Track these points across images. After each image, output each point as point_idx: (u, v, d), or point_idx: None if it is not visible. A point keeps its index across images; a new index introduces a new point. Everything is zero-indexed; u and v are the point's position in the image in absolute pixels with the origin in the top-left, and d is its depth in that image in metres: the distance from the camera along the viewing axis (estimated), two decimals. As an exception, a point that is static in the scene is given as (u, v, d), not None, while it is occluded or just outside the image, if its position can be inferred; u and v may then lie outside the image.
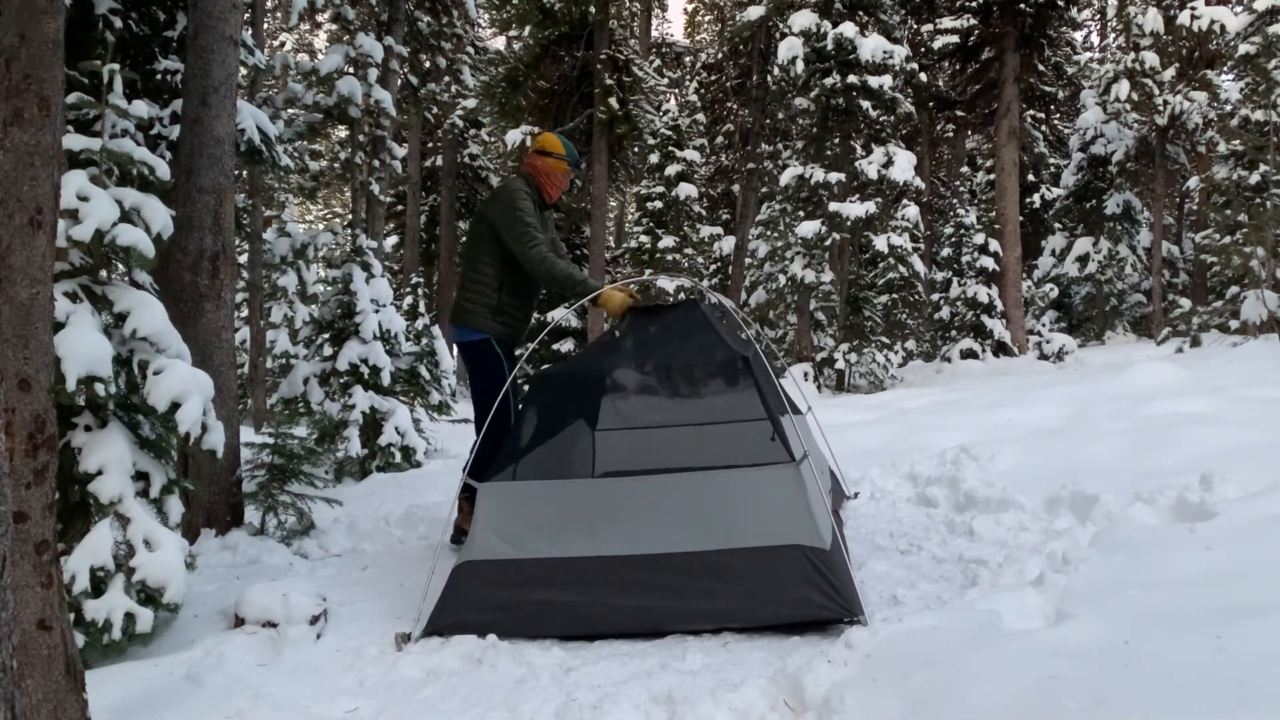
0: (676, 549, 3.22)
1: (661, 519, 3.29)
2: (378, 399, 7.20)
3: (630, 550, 3.20)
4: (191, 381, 3.32)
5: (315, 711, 2.64)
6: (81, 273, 3.27)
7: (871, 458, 5.64)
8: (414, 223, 22.60)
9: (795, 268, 14.19)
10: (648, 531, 3.25)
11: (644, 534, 3.25)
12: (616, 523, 3.30)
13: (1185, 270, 25.59)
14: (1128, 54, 20.69)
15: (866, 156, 13.80)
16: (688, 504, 3.32)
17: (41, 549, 2.07)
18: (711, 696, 2.44)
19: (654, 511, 3.31)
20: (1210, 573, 2.72)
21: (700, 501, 3.31)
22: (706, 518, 3.26)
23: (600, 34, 16.11)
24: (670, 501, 3.34)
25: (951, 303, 17.70)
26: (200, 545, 4.37)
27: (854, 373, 13.76)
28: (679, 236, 18.14)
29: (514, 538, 3.33)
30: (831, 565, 3.08)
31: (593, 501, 3.43)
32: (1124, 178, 22.48)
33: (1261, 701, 1.88)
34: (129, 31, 5.74)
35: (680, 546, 3.22)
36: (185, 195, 4.49)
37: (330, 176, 15.30)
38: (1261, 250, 12.30)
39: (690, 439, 4.16)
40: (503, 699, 2.64)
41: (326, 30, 19.65)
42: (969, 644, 2.42)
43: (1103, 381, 8.11)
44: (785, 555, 3.11)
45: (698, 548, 3.20)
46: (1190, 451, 4.65)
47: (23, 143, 2.10)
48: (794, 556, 3.09)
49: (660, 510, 3.32)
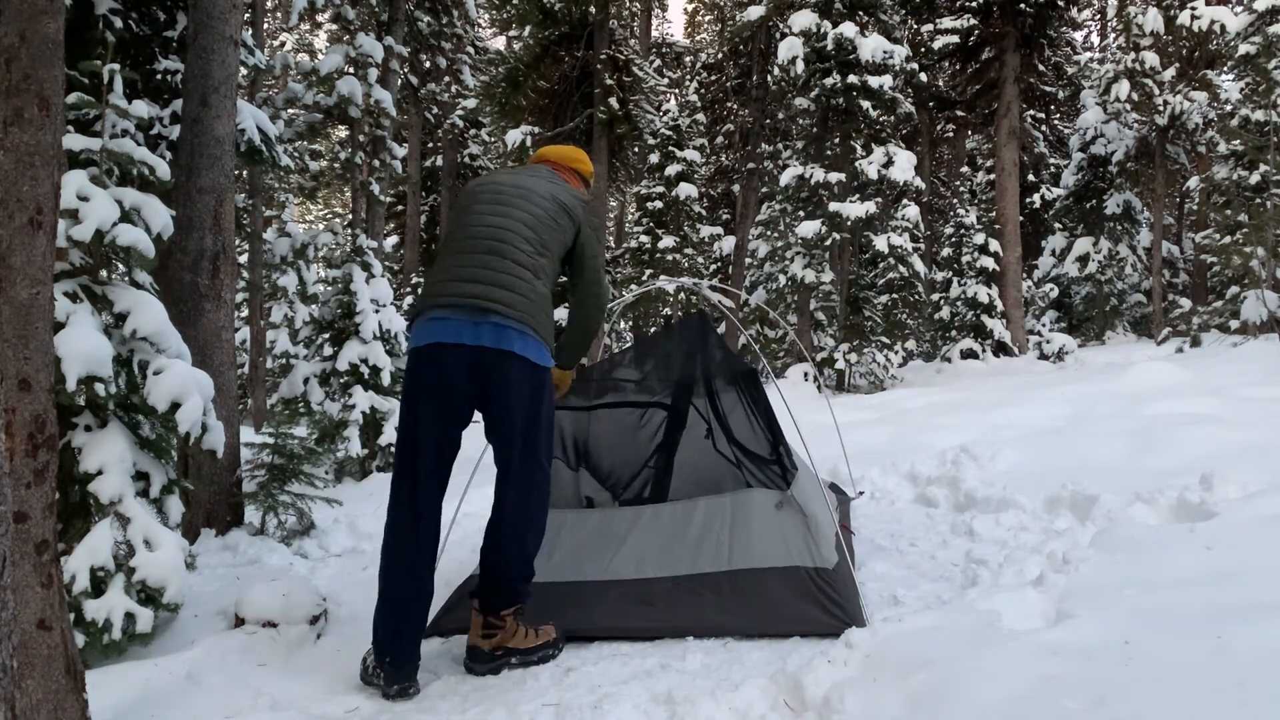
0: (681, 572, 3.25)
1: (666, 545, 3.34)
2: (378, 399, 7.20)
3: (634, 575, 3.22)
4: (191, 381, 3.32)
5: (315, 711, 2.64)
6: (81, 273, 3.26)
7: (871, 458, 5.64)
8: (414, 223, 22.61)
9: (795, 268, 14.20)
10: (652, 556, 3.29)
11: (649, 559, 3.28)
12: (622, 550, 3.36)
13: (1185, 270, 25.59)
14: (1128, 54, 20.70)
15: (866, 156, 13.80)
16: (691, 530, 3.37)
17: (41, 549, 2.07)
18: (711, 696, 2.44)
19: (659, 538, 3.37)
20: (1210, 573, 2.71)
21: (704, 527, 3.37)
22: (710, 543, 3.31)
23: (600, 34, 16.10)
24: (673, 528, 3.40)
25: (951, 303, 17.69)
26: (200, 545, 4.37)
27: (854, 373, 13.76)
28: (679, 236, 18.15)
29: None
30: (834, 582, 3.10)
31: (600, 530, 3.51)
32: (1124, 178, 22.48)
33: (1261, 701, 1.88)
34: (129, 31, 5.73)
35: (683, 570, 3.26)
36: (185, 195, 4.49)
37: (330, 176, 15.30)
38: (1261, 250, 12.30)
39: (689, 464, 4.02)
40: (502, 699, 2.64)
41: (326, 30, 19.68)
42: (969, 644, 2.42)
43: (1103, 381, 8.11)
44: (788, 576, 3.14)
45: (701, 570, 3.24)
46: (1190, 451, 4.64)
47: (23, 143, 2.10)
48: (796, 577, 3.12)
49: (665, 537, 3.38)
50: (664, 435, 3.84)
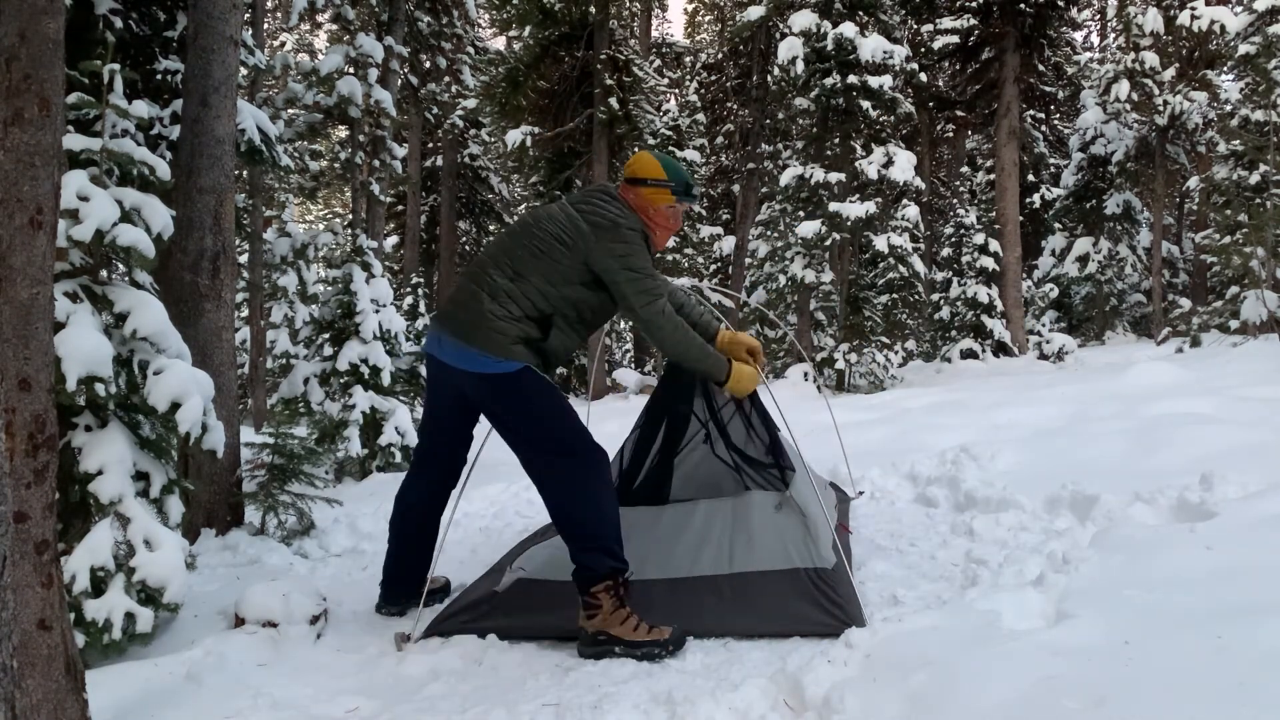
0: (680, 575, 3.25)
1: (666, 548, 3.34)
2: (378, 399, 7.20)
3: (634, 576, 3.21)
4: (191, 381, 3.32)
5: (315, 711, 2.64)
6: (82, 273, 3.26)
7: (871, 458, 5.64)
8: (414, 223, 22.60)
9: (795, 268, 14.20)
10: (652, 559, 3.29)
11: (649, 561, 3.28)
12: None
13: (1185, 270, 25.61)
14: (1128, 54, 20.72)
15: (866, 156, 13.80)
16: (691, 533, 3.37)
17: (42, 549, 2.07)
18: (711, 696, 2.44)
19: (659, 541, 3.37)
20: (1210, 573, 2.71)
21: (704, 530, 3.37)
22: (710, 546, 3.31)
23: (600, 34, 16.10)
24: (673, 531, 3.41)
25: (951, 303, 17.70)
26: (200, 545, 4.37)
27: (854, 373, 13.76)
28: (679, 236, 18.15)
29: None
30: (834, 583, 3.10)
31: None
32: (1124, 178, 22.50)
33: (1262, 702, 1.88)
34: (129, 31, 5.74)
35: (683, 573, 3.26)
36: (185, 195, 4.49)
37: (330, 176, 15.32)
38: (1261, 250, 12.31)
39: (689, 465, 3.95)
40: (502, 699, 2.64)
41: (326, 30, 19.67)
42: (969, 644, 2.42)
43: (1103, 381, 8.11)
44: (788, 578, 3.14)
45: (701, 573, 3.24)
46: (1190, 451, 4.64)
47: (23, 143, 2.10)
48: (796, 578, 3.13)
49: (665, 539, 3.38)
50: (663, 438, 3.84)
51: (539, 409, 3.07)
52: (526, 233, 3.15)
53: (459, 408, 3.30)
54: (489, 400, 3.11)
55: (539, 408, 3.07)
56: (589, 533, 3.02)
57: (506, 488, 5.63)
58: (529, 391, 3.05)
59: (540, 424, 3.07)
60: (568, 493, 3.05)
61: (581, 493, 3.04)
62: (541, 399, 3.08)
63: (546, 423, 3.07)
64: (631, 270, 3.06)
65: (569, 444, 3.07)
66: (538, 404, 3.07)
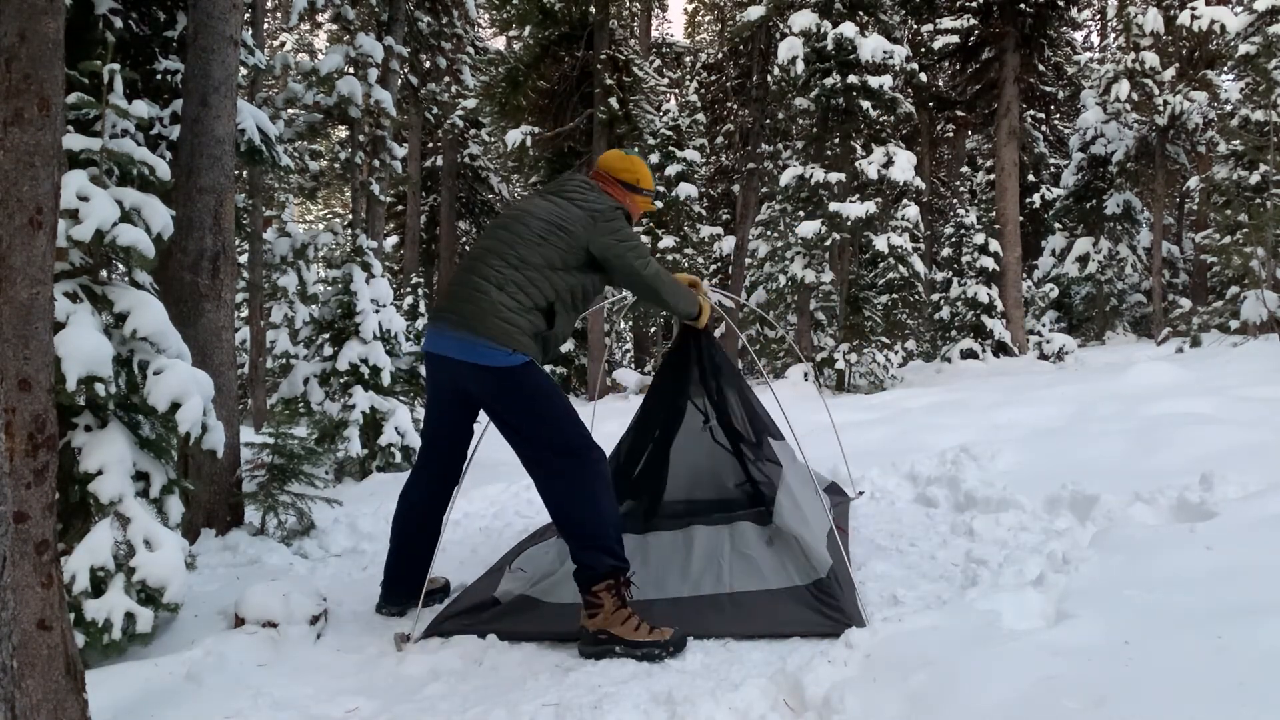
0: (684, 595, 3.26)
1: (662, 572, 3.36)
2: (378, 399, 7.20)
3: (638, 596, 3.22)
4: (191, 381, 3.32)
5: (315, 711, 2.64)
6: (81, 273, 3.26)
7: (871, 458, 5.64)
8: (414, 223, 22.60)
9: (795, 268, 14.20)
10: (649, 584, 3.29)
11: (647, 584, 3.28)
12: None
13: (1185, 270, 25.61)
14: (1128, 54, 20.72)
15: (866, 156, 13.80)
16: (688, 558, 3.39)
17: (41, 549, 2.07)
18: (711, 696, 2.44)
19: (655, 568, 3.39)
20: (1210, 573, 2.71)
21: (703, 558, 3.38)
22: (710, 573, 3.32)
23: (600, 34, 16.10)
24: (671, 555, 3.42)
25: (951, 303, 17.70)
26: (200, 545, 4.37)
27: (854, 373, 13.76)
28: (679, 236, 18.15)
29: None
30: (831, 590, 3.11)
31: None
32: (1124, 178, 22.50)
33: (1262, 701, 1.88)
34: (129, 31, 5.74)
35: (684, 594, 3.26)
36: (185, 195, 4.48)
37: (330, 176, 15.31)
38: (1261, 250, 12.31)
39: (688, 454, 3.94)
40: (502, 699, 2.64)
41: (326, 30, 19.66)
42: (969, 644, 2.42)
43: (1103, 381, 8.11)
44: (789, 594, 3.16)
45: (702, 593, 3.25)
46: (1190, 451, 4.64)
47: (23, 143, 2.10)
48: (797, 593, 3.14)
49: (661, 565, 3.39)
50: (660, 431, 3.84)
51: (541, 408, 3.10)
52: (522, 223, 3.21)
53: (460, 403, 3.31)
54: (491, 396, 3.12)
55: (541, 406, 3.10)
56: (589, 532, 3.03)
57: (506, 488, 5.63)
58: (531, 389, 3.08)
59: (542, 422, 3.10)
60: (567, 492, 3.07)
61: (581, 492, 3.06)
62: (543, 397, 3.11)
63: (548, 421, 3.10)
64: (627, 241, 3.27)
65: (569, 443, 3.09)
66: (540, 403, 3.10)
